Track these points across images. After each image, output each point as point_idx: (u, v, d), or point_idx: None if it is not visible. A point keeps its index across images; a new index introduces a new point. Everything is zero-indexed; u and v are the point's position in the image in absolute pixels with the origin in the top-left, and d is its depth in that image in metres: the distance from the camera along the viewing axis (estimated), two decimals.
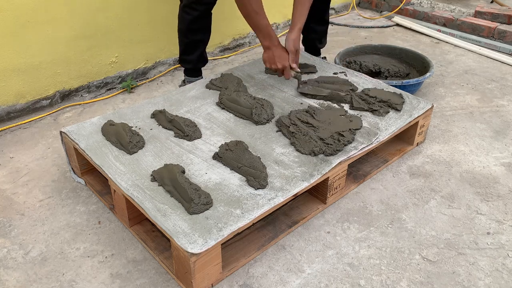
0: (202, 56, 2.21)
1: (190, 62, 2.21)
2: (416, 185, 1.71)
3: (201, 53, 2.19)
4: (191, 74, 2.27)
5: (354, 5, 3.72)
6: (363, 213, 1.57)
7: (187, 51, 2.17)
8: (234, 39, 2.94)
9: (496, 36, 2.96)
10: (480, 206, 1.60)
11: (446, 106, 2.24)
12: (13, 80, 2.08)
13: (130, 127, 1.65)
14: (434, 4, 3.52)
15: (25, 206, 1.61)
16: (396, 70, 2.36)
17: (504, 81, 2.50)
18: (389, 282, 1.32)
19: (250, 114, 1.72)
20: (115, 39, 2.35)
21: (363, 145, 1.59)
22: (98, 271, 1.35)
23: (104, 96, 2.35)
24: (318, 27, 2.37)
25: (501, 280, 1.32)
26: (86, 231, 1.50)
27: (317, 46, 2.44)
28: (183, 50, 2.18)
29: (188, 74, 2.28)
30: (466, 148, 1.92)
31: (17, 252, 1.42)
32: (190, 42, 2.13)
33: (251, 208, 1.31)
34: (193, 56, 2.18)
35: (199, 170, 1.47)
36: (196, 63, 2.22)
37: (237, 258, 1.36)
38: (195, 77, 2.26)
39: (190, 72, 2.27)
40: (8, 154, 1.89)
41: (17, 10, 1.97)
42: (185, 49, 2.17)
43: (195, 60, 2.19)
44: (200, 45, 2.16)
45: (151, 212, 1.29)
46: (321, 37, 2.43)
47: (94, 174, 1.69)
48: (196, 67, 2.25)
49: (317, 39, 2.42)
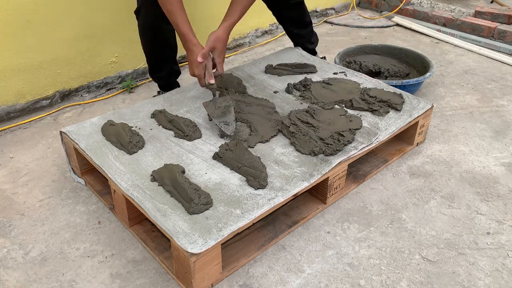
0: (172, 70, 2.10)
1: (161, 79, 2.11)
2: (416, 185, 1.71)
3: (171, 67, 2.08)
4: (165, 88, 2.14)
5: (354, 5, 3.72)
6: (363, 213, 1.57)
7: (155, 68, 2.07)
8: (234, 39, 2.94)
9: (496, 36, 2.96)
10: (480, 206, 1.60)
11: (446, 106, 2.24)
12: (13, 80, 2.08)
13: (130, 127, 1.65)
14: (434, 4, 3.52)
15: (25, 206, 1.61)
16: (396, 70, 2.36)
17: (504, 81, 2.50)
18: (389, 282, 1.32)
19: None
20: (115, 39, 2.35)
21: (363, 145, 1.59)
22: (98, 271, 1.35)
23: (104, 96, 2.36)
24: (303, 31, 2.33)
25: (501, 280, 1.32)
26: (86, 231, 1.50)
27: (308, 47, 2.39)
28: (150, 69, 2.08)
29: (162, 88, 2.16)
30: (466, 148, 1.92)
31: (17, 252, 1.42)
32: (155, 59, 2.03)
33: (251, 208, 1.31)
34: (163, 72, 2.08)
35: (199, 170, 1.47)
36: (167, 78, 2.10)
37: (237, 258, 1.36)
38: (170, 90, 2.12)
39: (163, 87, 2.15)
40: (8, 154, 1.90)
41: (17, 10, 1.98)
42: (153, 67, 2.06)
43: (165, 76, 2.09)
44: (167, 60, 2.03)
45: (151, 212, 1.29)
46: (309, 38, 2.38)
47: (94, 174, 1.69)
48: (168, 82, 2.12)
49: (306, 41, 2.37)
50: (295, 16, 2.25)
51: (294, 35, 2.37)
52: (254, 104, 1.81)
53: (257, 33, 3.09)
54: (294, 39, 2.40)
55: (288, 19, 2.27)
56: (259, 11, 3.01)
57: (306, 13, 2.29)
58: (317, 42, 2.46)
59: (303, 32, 2.35)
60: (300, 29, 2.32)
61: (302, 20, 2.29)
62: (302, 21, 2.30)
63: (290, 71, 2.10)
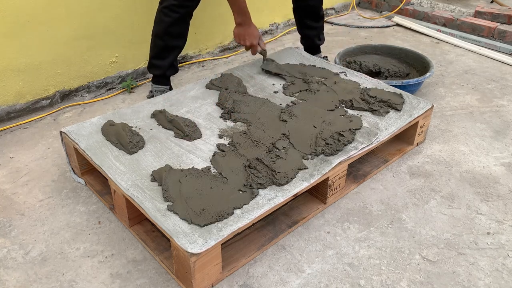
0: (173, 64, 2.14)
1: (160, 68, 2.12)
2: (416, 185, 1.71)
3: (174, 60, 2.12)
4: (160, 81, 2.17)
5: (354, 5, 3.72)
6: (363, 213, 1.57)
7: (160, 55, 2.09)
8: (234, 39, 2.94)
9: (496, 36, 2.96)
10: (480, 206, 1.60)
11: (446, 106, 2.24)
12: (13, 80, 2.08)
13: (130, 127, 1.65)
14: (434, 4, 3.52)
15: (25, 206, 1.61)
16: (396, 70, 2.36)
17: (504, 81, 2.50)
18: (389, 282, 1.32)
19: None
20: (115, 39, 2.35)
21: (363, 145, 1.59)
22: (98, 271, 1.35)
23: (104, 96, 2.35)
24: (315, 24, 2.38)
25: (501, 280, 1.32)
26: (86, 231, 1.50)
27: (316, 43, 2.45)
28: (155, 54, 2.10)
29: (156, 82, 2.18)
30: (466, 148, 1.92)
31: (17, 252, 1.42)
32: (165, 47, 2.06)
33: (251, 208, 1.31)
34: (165, 62, 2.09)
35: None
36: (167, 70, 2.13)
37: (237, 258, 1.36)
38: (163, 86, 2.17)
39: (159, 80, 2.17)
40: (8, 154, 1.89)
41: (17, 10, 1.98)
42: (158, 53, 2.09)
43: (166, 66, 2.11)
44: (175, 51, 2.09)
45: (151, 212, 1.29)
46: (319, 33, 2.44)
47: (94, 174, 1.69)
48: (165, 73, 2.15)
49: (316, 35, 2.43)
50: (313, 4, 2.29)
51: (305, 27, 2.39)
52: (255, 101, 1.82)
53: None
54: (305, 31, 2.42)
55: (305, 7, 2.31)
56: (259, 11, 3.02)
57: (321, 6, 2.35)
58: (324, 41, 2.50)
59: (315, 25, 2.39)
60: (312, 21, 2.36)
61: (317, 12, 2.34)
62: (317, 13, 2.35)
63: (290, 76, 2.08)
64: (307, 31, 2.42)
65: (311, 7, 2.31)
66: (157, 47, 2.08)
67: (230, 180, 1.41)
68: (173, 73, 2.19)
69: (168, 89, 2.18)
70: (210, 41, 2.80)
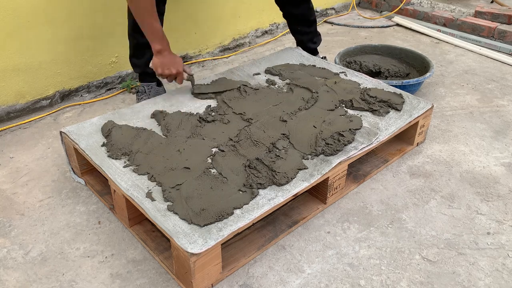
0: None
1: (139, 66, 2.08)
2: (416, 185, 1.71)
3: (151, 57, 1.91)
4: (144, 79, 2.14)
5: (354, 5, 3.72)
6: (363, 213, 1.57)
7: (135, 54, 2.05)
8: (234, 39, 2.94)
9: (496, 36, 2.96)
10: (480, 206, 1.60)
11: (446, 106, 2.24)
12: (13, 80, 2.08)
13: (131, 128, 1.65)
14: (434, 4, 3.52)
15: (25, 206, 1.61)
16: (396, 70, 2.36)
17: (504, 81, 2.50)
18: (389, 282, 1.32)
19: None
20: (115, 39, 2.35)
21: (363, 145, 1.59)
22: (98, 271, 1.35)
23: (104, 96, 2.35)
24: (307, 29, 2.35)
25: (501, 280, 1.32)
26: (86, 231, 1.50)
27: (310, 47, 2.40)
28: (131, 53, 2.07)
29: (142, 80, 2.15)
30: (466, 148, 1.92)
31: (17, 252, 1.42)
32: (137, 45, 2.00)
33: (251, 208, 1.31)
34: (142, 60, 2.04)
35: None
36: (145, 67, 2.02)
37: (237, 258, 1.36)
38: (148, 82, 2.13)
39: (143, 77, 2.14)
40: (8, 154, 1.90)
41: (17, 10, 1.97)
42: (133, 52, 2.05)
43: (143, 63, 2.03)
44: (147, 50, 1.89)
45: (151, 212, 1.29)
46: (312, 37, 2.39)
47: (94, 174, 1.69)
48: (145, 71, 2.08)
49: (309, 40, 2.39)
50: (300, 13, 2.27)
51: (297, 32, 2.38)
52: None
53: (257, 33, 3.09)
54: (297, 36, 2.41)
55: (293, 15, 2.29)
56: (259, 11, 3.02)
57: (311, 12, 2.31)
58: (320, 43, 2.46)
59: (307, 30, 2.36)
60: (304, 26, 2.34)
61: (306, 18, 2.31)
62: (306, 19, 2.32)
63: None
64: (300, 36, 2.39)
65: (301, 15, 2.29)
66: (131, 46, 2.05)
67: (230, 180, 1.41)
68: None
69: (155, 85, 2.16)
70: (210, 41, 2.80)
